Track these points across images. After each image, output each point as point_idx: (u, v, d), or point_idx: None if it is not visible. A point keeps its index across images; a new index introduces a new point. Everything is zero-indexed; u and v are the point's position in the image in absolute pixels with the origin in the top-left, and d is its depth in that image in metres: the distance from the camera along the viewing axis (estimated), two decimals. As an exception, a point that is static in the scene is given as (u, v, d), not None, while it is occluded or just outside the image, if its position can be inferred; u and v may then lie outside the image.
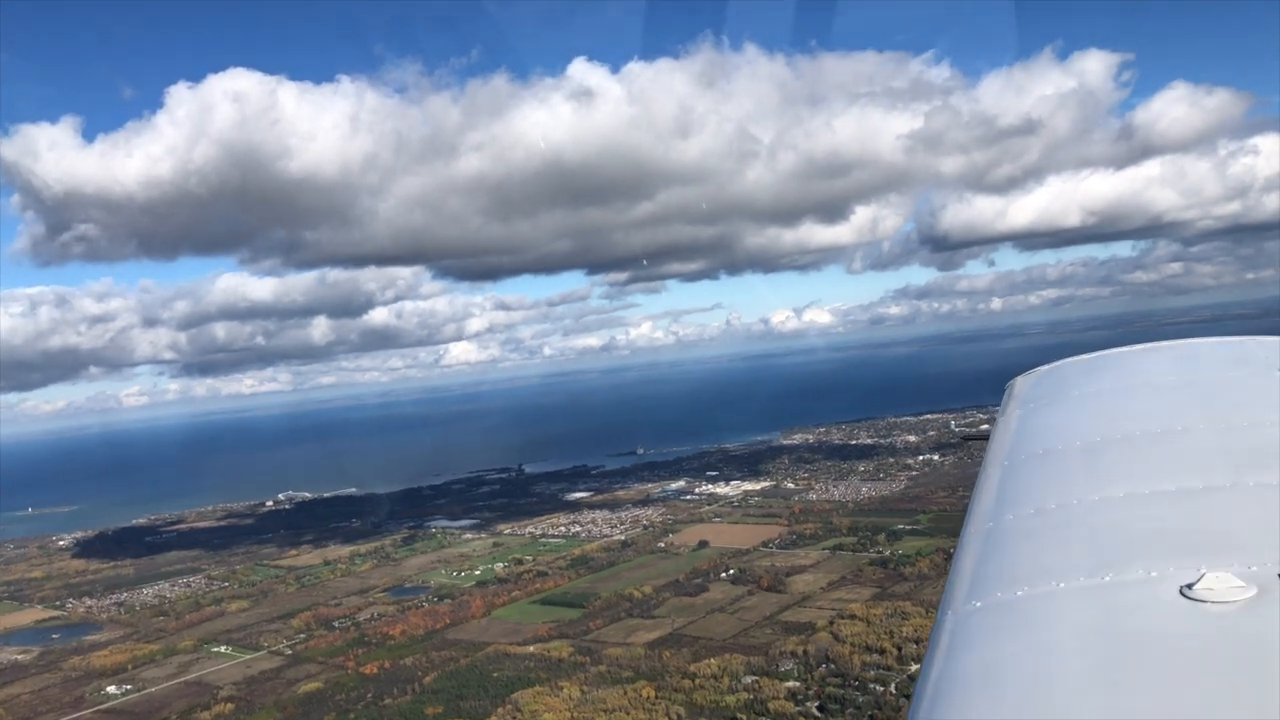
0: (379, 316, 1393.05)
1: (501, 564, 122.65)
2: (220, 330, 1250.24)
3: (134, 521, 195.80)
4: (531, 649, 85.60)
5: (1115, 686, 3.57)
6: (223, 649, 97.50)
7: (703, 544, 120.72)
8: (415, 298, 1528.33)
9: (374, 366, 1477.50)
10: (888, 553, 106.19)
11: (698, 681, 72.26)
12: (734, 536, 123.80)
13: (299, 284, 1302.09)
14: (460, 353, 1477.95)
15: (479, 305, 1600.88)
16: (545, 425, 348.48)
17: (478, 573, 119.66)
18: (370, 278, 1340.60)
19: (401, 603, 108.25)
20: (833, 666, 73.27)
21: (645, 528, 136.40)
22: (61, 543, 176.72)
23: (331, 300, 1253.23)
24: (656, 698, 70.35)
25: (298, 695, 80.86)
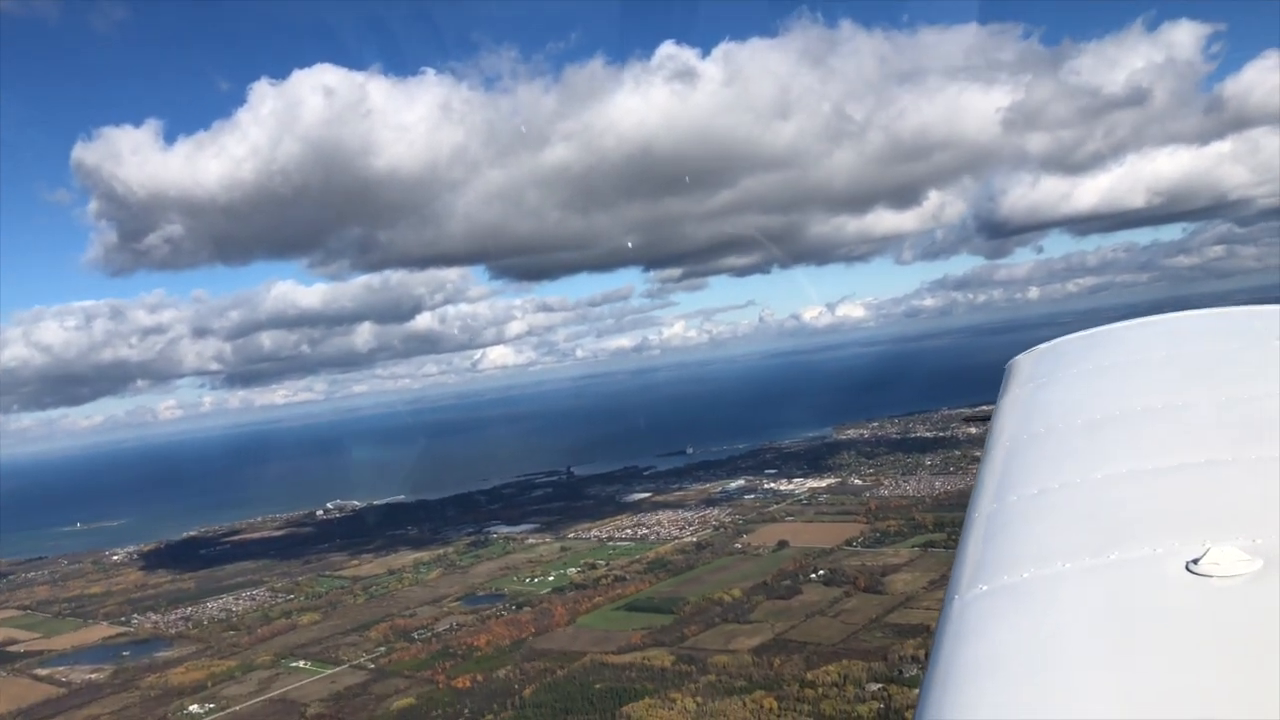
0: (423, 322, 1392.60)
1: (574, 569, 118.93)
2: (267, 339, 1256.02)
3: (185, 534, 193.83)
4: (629, 658, 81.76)
5: (1123, 665, 3.55)
6: (301, 664, 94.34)
7: (782, 544, 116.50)
8: (463, 300, 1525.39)
9: (406, 374, 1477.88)
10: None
11: (821, 690, 68.12)
12: (813, 535, 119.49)
13: (348, 290, 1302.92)
14: (493, 357, 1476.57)
15: (520, 308, 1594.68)
16: (585, 427, 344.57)
17: (551, 579, 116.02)
18: (421, 281, 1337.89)
19: (479, 611, 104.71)
20: (961, 671, 68.80)
21: (716, 528, 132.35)
22: (116, 557, 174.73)
23: (380, 306, 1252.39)
24: (780, 709, 66.28)
25: (392, 712, 77.46)
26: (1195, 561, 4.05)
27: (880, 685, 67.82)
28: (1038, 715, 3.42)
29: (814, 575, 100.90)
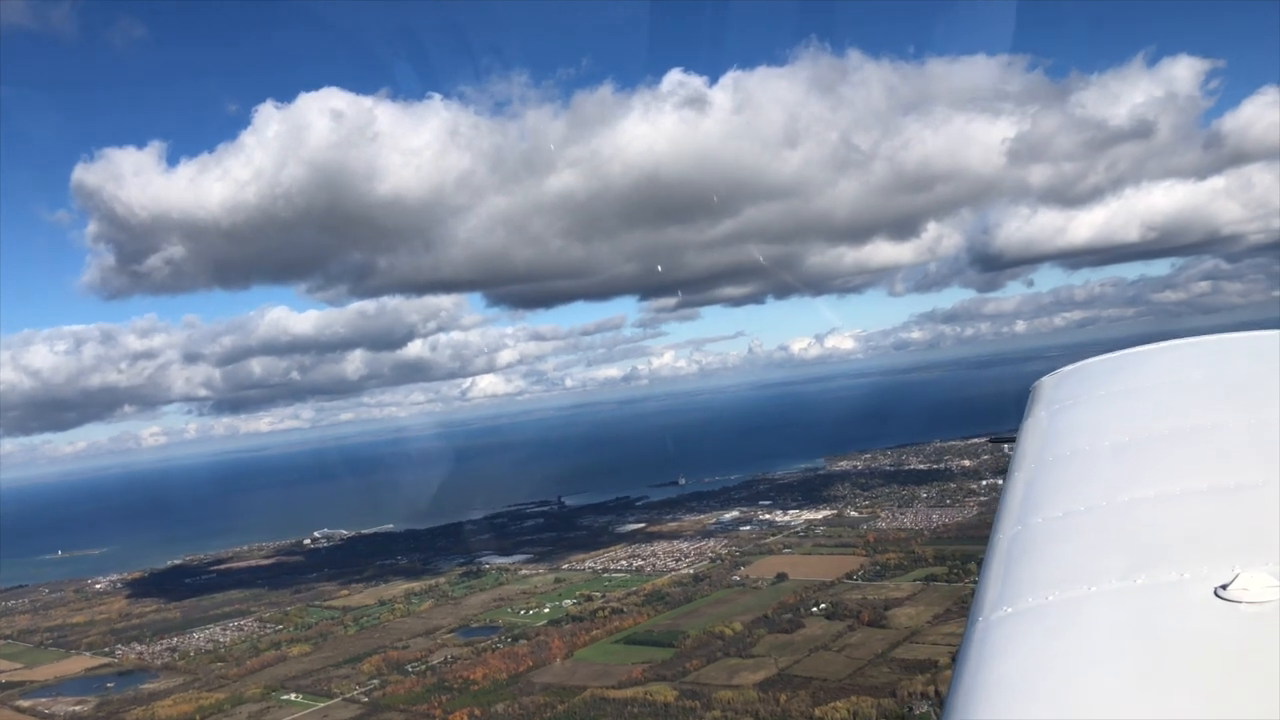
0: (415, 349, 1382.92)
1: (570, 601, 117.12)
2: (257, 366, 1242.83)
3: (170, 563, 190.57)
4: (630, 692, 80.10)
5: (1150, 690, 3.53)
6: (293, 697, 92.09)
7: (781, 576, 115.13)
8: (456, 328, 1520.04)
9: (393, 401, 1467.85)
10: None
11: (829, 727, 66.73)
12: (812, 568, 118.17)
13: (342, 316, 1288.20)
14: (482, 386, 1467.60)
15: (513, 336, 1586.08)
16: (574, 457, 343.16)
17: (546, 610, 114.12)
18: (416, 308, 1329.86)
19: (474, 644, 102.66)
20: (972, 708, 67.55)
21: (713, 560, 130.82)
22: (98, 586, 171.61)
23: (373, 332, 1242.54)
24: (789, 746, 64.81)
25: (387, 747, 75.44)
26: (1224, 587, 3.99)
27: (890, 722, 66.51)
28: None
29: (815, 609, 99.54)
